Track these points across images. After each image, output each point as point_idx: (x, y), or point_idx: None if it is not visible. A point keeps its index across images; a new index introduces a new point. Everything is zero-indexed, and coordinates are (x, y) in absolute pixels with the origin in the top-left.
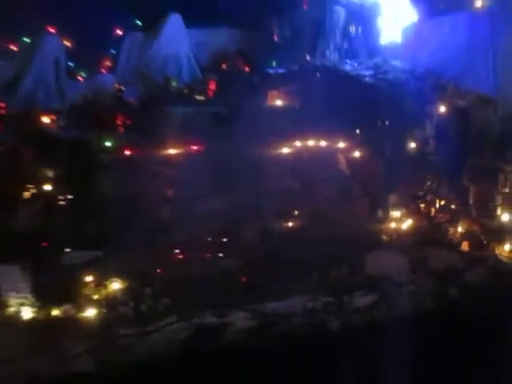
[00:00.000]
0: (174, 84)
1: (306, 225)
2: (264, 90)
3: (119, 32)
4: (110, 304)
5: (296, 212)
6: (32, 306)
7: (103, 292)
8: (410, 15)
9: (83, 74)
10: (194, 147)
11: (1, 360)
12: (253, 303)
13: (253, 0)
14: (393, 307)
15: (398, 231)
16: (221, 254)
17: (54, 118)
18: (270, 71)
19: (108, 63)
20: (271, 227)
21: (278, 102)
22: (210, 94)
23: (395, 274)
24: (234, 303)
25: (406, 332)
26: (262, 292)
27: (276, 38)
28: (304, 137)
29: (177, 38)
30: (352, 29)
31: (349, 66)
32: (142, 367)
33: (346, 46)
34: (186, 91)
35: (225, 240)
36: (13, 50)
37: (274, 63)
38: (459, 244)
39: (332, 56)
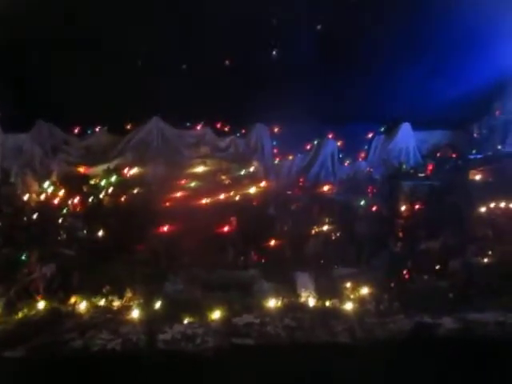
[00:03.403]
0: (404, 166)
1: (497, 260)
2: (466, 170)
3: (370, 135)
4: (360, 302)
5: (490, 252)
6: (313, 298)
7: (356, 294)
8: None
9: (348, 161)
10: (417, 206)
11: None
12: (458, 312)
13: (459, 111)
14: None
15: None
16: (434, 277)
17: (330, 187)
18: (471, 156)
19: (363, 155)
20: (472, 261)
21: (477, 177)
22: (428, 173)
23: None
24: (444, 311)
25: None
26: (465, 305)
27: (475, 135)
28: (496, 200)
29: (406, 138)
30: None
31: None
32: (379, 342)
33: None
34: (412, 171)
35: (438, 267)
36: (307, 150)
37: (474, 151)
38: None
39: None
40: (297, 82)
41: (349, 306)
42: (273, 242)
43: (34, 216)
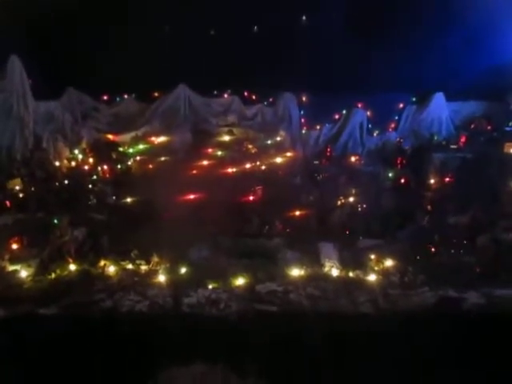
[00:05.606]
0: (435, 138)
1: None
2: (502, 142)
3: (401, 105)
4: (384, 274)
5: None
6: (337, 268)
7: (381, 266)
8: None
9: (377, 132)
10: (448, 179)
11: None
12: (484, 287)
13: (495, 82)
14: None
15: None
16: (461, 251)
17: (358, 158)
18: (507, 129)
19: (393, 125)
20: (501, 237)
21: None
22: (461, 145)
23: None
24: (470, 286)
25: None
26: (492, 281)
27: None
28: None
29: (439, 108)
30: None
31: None
32: (400, 314)
33: None
34: (443, 143)
35: (465, 242)
36: (335, 119)
37: (510, 123)
38: None
39: None
40: (326, 50)
41: (373, 278)
42: (298, 212)
43: (66, 181)
